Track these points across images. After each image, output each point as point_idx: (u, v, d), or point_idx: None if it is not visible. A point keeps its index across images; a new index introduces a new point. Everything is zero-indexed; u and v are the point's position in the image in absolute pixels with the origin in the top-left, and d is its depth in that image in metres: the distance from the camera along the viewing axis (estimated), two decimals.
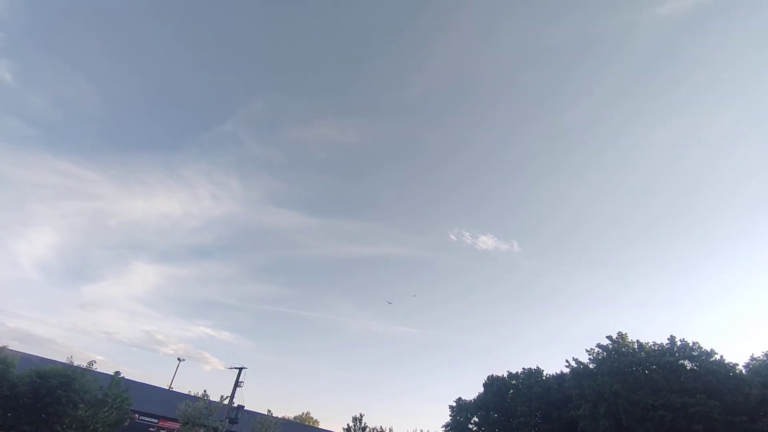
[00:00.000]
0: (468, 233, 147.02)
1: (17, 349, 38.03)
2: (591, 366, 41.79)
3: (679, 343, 38.11)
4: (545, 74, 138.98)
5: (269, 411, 42.68)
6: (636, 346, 39.99)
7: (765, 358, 37.96)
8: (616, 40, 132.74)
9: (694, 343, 37.59)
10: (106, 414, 30.79)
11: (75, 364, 30.78)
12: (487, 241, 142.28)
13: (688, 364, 37.01)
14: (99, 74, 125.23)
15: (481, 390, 52.01)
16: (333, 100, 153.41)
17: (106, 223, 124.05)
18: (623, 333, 41.39)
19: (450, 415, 51.93)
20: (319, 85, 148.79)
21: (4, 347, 29.81)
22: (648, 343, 40.01)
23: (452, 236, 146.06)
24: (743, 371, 37.31)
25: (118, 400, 31.82)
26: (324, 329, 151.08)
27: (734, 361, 36.84)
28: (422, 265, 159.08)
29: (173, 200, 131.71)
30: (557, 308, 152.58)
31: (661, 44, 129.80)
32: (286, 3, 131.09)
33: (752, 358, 38.89)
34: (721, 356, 36.33)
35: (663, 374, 36.74)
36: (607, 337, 41.87)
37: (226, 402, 38.04)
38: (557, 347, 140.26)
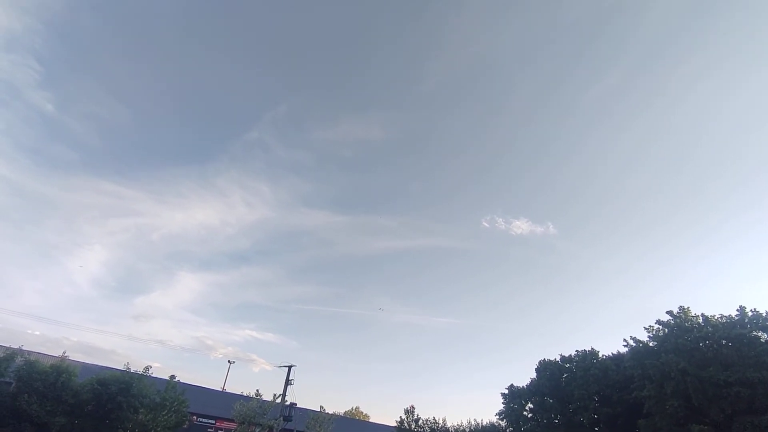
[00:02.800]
0: (501, 219, 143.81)
1: (82, 361, 39.77)
2: (651, 344, 39.41)
3: (750, 313, 35.16)
4: (564, 51, 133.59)
5: (322, 407, 42.85)
6: (701, 320, 37.26)
7: None
8: (634, 10, 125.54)
9: (767, 313, 34.63)
10: (165, 417, 31.58)
11: (132, 371, 31.63)
12: (521, 226, 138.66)
13: (763, 336, 34.10)
14: (130, 96, 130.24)
15: (533, 375, 50.38)
16: (353, 97, 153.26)
17: (150, 237, 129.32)
18: (685, 307, 38.68)
19: (503, 403, 50.49)
20: (339, 83, 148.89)
21: (64, 357, 31.00)
22: (714, 315, 37.16)
23: (485, 223, 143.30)
24: None
25: (176, 403, 32.58)
26: (364, 324, 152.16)
27: None
28: (457, 255, 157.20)
29: (209, 210, 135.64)
30: (595, 288, 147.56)
31: (681, 10, 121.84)
32: (297, 6, 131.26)
33: None
34: None
35: (734, 348, 34.01)
36: (667, 312, 39.30)
37: (278, 401, 38.35)
38: (601, 327, 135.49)
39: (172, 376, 34.53)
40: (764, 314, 34.72)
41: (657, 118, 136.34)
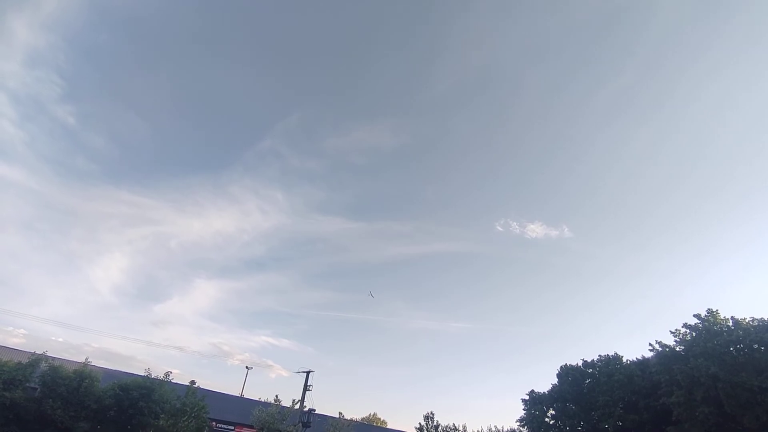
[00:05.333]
0: (515, 222, 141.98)
1: (104, 367, 40.25)
2: (678, 348, 38.18)
3: None
4: (573, 52, 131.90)
5: (341, 413, 42.52)
6: (731, 324, 35.99)
7: None
8: (644, 8, 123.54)
9: None
10: (185, 423, 31.62)
11: (153, 376, 31.79)
12: (535, 229, 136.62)
13: None
14: (147, 107, 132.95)
15: (555, 381, 49.25)
16: (363, 104, 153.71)
17: (168, 245, 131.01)
18: (714, 310, 37.42)
19: (524, 409, 49.45)
20: (348, 91, 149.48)
21: (87, 362, 31.32)
22: (745, 319, 35.88)
23: (499, 227, 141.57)
24: None
25: (196, 408, 32.62)
26: (380, 330, 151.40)
27: None
28: (471, 259, 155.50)
29: (225, 217, 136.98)
30: (614, 289, 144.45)
31: (692, 6, 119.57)
32: (306, 15, 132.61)
33: None
34: None
35: None
36: (694, 315, 38.09)
37: (297, 406, 38.15)
38: (621, 330, 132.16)
39: (192, 382, 34.68)
40: None
41: (670, 116, 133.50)
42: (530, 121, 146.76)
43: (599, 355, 47.31)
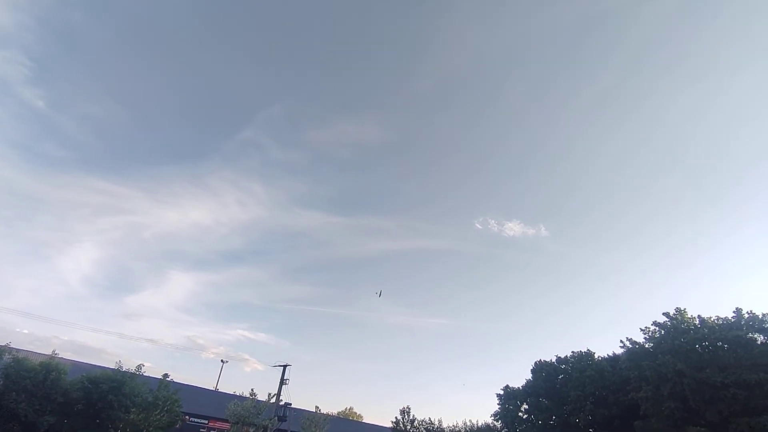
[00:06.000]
0: (493, 221, 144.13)
1: (72, 359, 38.99)
2: (647, 345, 39.42)
3: (746, 315, 35.26)
4: (555, 54, 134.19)
5: (317, 408, 42.35)
6: (697, 322, 37.32)
7: None
8: (625, 13, 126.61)
9: (764, 315, 34.68)
10: (157, 417, 30.96)
11: (124, 369, 30.95)
12: (513, 228, 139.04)
13: (759, 338, 34.20)
14: (124, 93, 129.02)
15: (528, 376, 50.29)
16: (347, 97, 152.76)
17: (142, 236, 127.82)
18: (681, 309, 38.73)
19: (498, 404, 50.33)
20: (333, 84, 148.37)
21: (54, 354, 30.25)
22: (711, 317, 37.23)
23: (478, 225, 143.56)
24: None
25: (168, 402, 31.94)
26: (358, 325, 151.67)
27: None
28: (450, 256, 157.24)
29: (202, 209, 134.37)
30: (589, 288, 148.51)
31: (671, 13, 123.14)
32: (290, 6, 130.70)
33: None
34: None
35: (731, 350, 34.03)
36: (663, 313, 39.35)
37: (273, 400, 37.81)
38: (595, 327, 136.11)
39: (165, 375, 33.87)
40: (760, 316, 34.85)
41: (648, 119, 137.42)
42: (512, 121, 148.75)
43: (572, 352, 48.52)
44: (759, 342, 34.02)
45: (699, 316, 37.73)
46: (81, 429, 28.02)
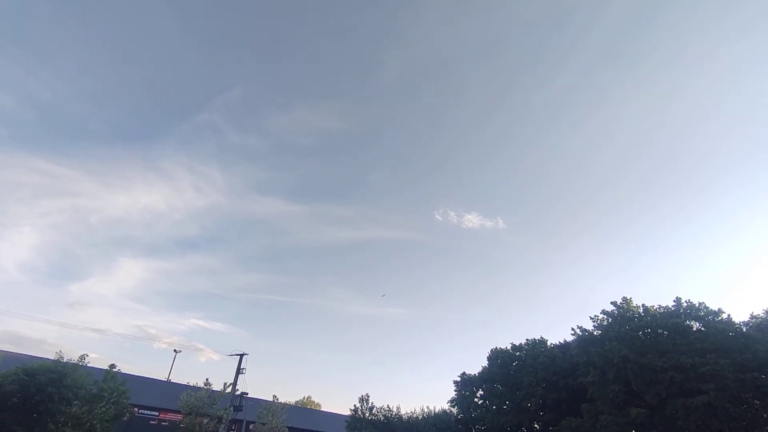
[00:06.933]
0: (453, 212, 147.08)
1: (6, 350, 36.20)
2: (596, 333, 41.44)
3: (685, 304, 37.78)
4: (520, 50, 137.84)
5: (275, 397, 41.73)
6: (641, 310, 39.62)
7: (766, 316, 38.02)
8: (589, 12, 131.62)
9: (700, 304, 37.27)
10: (103, 409, 29.38)
11: (65, 360, 29.05)
12: (472, 219, 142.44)
13: (695, 325, 36.74)
14: (67, 67, 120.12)
15: (485, 364, 51.70)
16: (311, 85, 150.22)
17: (88, 220, 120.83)
18: (628, 298, 40.97)
19: (455, 390, 51.53)
20: (296, 71, 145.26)
21: None
22: (653, 306, 39.64)
23: (438, 216, 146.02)
24: (743, 329, 37.23)
25: (115, 394, 30.40)
26: (317, 314, 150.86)
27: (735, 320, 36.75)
28: (411, 247, 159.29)
29: (155, 193, 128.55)
30: (550, 281, 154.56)
31: (633, 13, 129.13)
32: None
33: (752, 316, 39.01)
34: (729, 315, 36.15)
35: (670, 336, 36.42)
36: (611, 302, 41.45)
37: (228, 390, 36.83)
38: (555, 318, 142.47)
39: (112, 365, 32.19)
40: (697, 305, 37.41)
41: (607, 119, 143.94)
42: (476, 116, 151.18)
43: (526, 339, 50.26)
44: (694, 329, 36.53)
45: (643, 305, 40.03)
46: (15, 424, 26.09)
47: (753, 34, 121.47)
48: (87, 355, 30.55)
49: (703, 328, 36.14)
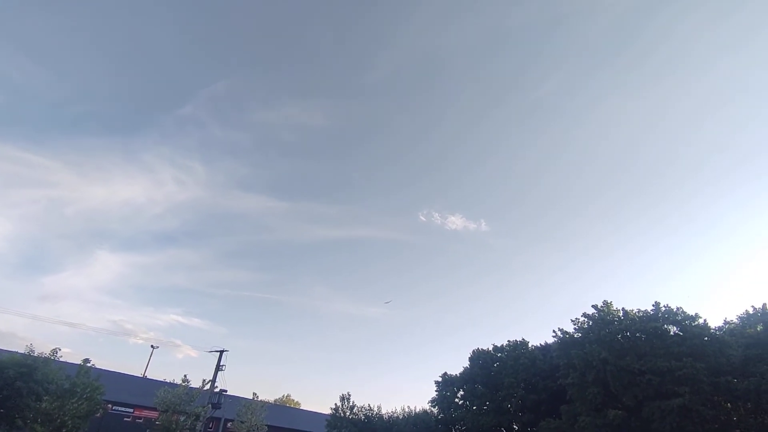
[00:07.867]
0: (437, 214, 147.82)
1: None
2: (577, 335, 41.96)
3: (663, 309, 38.52)
4: (512, 55, 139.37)
5: (255, 395, 41.12)
6: (621, 314, 40.27)
7: (739, 322, 39.18)
8: (582, 17, 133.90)
9: (677, 309, 38.08)
10: (75, 405, 28.42)
11: (36, 354, 27.99)
12: (456, 221, 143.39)
13: (672, 329, 37.50)
14: (46, 53, 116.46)
15: (467, 365, 51.94)
16: (298, 82, 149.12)
17: (64, 212, 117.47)
18: (608, 302, 41.60)
19: (436, 391, 51.65)
20: (282, 66, 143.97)
21: None
22: (633, 310, 40.33)
23: (422, 217, 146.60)
24: (717, 334, 38.20)
25: (88, 389, 29.45)
26: (299, 313, 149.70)
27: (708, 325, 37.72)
28: (394, 247, 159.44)
29: (134, 186, 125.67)
30: (533, 284, 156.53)
31: (626, 19, 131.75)
32: None
33: (726, 322, 40.25)
34: (705, 320, 36.98)
35: (648, 340, 37.06)
36: (592, 306, 42.02)
37: (207, 387, 36.09)
38: (537, 321, 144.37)
39: (86, 360, 31.18)
40: (675, 309, 38.19)
41: (599, 124, 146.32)
42: (466, 120, 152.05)
43: (508, 341, 50.66)
44: (672, 333, 37.29)
45: (623, 309, 40.70)
46: None
47: (750, 39, 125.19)
48: (59, 349, 29.58)
49: (680, 333, 36.91)
